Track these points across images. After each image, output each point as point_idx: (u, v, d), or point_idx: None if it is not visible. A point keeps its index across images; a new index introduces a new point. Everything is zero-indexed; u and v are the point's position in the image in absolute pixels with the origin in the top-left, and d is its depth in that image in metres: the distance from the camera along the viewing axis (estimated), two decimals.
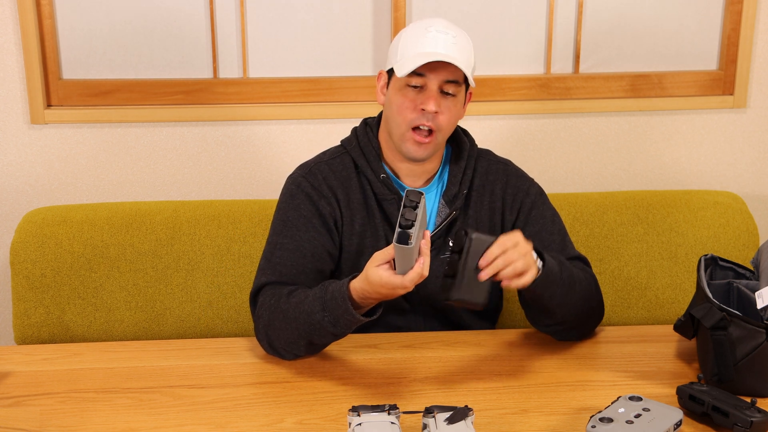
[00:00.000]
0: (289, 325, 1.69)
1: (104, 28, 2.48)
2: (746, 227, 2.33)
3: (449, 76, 1.76)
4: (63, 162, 2.52)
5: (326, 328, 1.65)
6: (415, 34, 1.80)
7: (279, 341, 1.73)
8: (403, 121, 1.78)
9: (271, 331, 1.73)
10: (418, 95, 1.77)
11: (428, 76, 1.76)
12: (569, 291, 1.75)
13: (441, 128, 1.79)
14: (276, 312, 1.72)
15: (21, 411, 1.58)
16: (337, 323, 1.64)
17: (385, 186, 1.85)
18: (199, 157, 2.56)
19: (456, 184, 1.87)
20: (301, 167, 1.92)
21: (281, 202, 1.89)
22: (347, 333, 1.69)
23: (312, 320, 1.66)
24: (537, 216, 1.91)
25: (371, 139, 1.89)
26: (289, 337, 1.71)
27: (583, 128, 2.64)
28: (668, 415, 1.47)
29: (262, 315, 1.75)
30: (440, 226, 1.86)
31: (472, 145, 1.93)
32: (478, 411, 1.56)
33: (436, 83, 1.76)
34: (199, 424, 1.54)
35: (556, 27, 2.59)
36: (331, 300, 1.63)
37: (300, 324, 1.68)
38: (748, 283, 1.76)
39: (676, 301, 2.30)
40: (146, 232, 2.20)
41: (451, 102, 1.79)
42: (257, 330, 1.77)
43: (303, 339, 1.70)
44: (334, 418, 1.55)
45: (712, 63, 2.67)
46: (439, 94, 1.77)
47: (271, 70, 2.56)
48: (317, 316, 1.64)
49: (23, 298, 2.17)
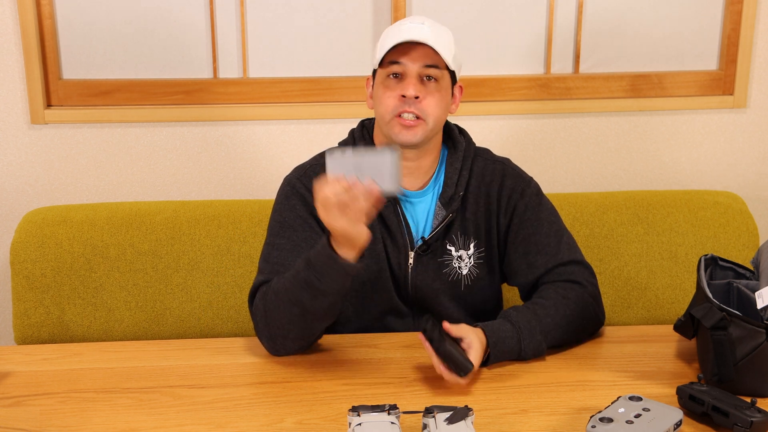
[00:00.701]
0: (280, 299, 1.68)
1: (104, 28, 2.48)
2: (746, 227, 2.33)
3: (427, 61, 1.76)
4: (63, 162, 2.53)
5: (314, 284, 1.63)
6: (392, 29, 1.82)
7: (276, 326, 1.71)
8: (386, 111, 1.79)
9: (268, 317, 1.72)
10: (398, 84, 1.78)
11: (404, 62, 1.76)
12: (550, 335, 1.76)
13: (427, 114, 1.78)
14: (268, 296, 1.72)
15: (21, 411, 1.58)
16: (323, 276, 1.62)
17: None
18: (199, 157, 2.56)
19: (452, 186, 1.87)
20: (296, 169, 1.92)
21: (277, 203, 1.89)
22: (336, 289, 1.64)
23: (299, 279, 1.64)
24: (531, 218, 1.89)
25: (367, 141, 1.89)
26: (283, 316, 1.69)
27: (583, 128, 2.64)
28: (668, 415, 1.47)
29: (258, 306, 1.75)
30: (437, 228, 1.86)
31: (468, 144, 1.92)
32: (478, 411, 1.56)
33: (414, 69, 1.76)
34: (199, 424, 1.54)
35: (556, 27, 2.59)
36: (314, 255, 1.62)
37: (290, 292, 1.66)
38: (748, 283, 1.76)
39: (676, 301, 2.30)
40: (146, 232, 2.20)
41: (434, 87, 1.78)
42: (256, 325, 1.76)
43: (295, 306, 1.66)
44: (334, 418, 1.55)
45: (712, 63, 2.67)
46: (420, 80, 1.77)
47: (271, 70, 2.56)
48: (302, 275, 1.63)
49: (23, 298, 2.17)
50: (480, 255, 1.89)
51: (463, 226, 1.88)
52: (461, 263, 1.88)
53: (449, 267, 1.88)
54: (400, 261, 1.86)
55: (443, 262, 1.87)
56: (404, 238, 1.86)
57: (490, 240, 1.90)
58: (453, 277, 1.88)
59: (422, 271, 1.87)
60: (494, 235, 1.90)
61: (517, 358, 1.74)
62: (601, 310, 1.88)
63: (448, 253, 1.88)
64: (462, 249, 1.88)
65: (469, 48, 2.58)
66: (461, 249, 1.88)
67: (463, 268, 1.88)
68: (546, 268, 1.87)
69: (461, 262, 1.88)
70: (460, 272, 1.88)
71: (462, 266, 1.88)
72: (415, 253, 1.86)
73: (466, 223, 1.88)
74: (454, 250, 1.88)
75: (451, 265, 1.88)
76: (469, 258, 1.89)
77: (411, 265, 1.86)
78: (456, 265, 1.88)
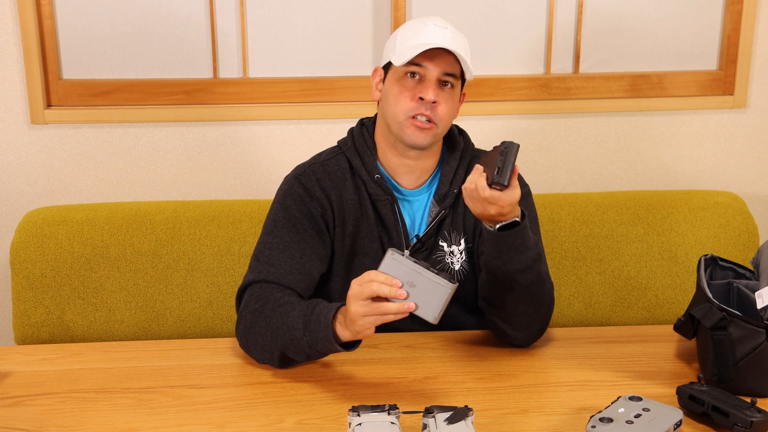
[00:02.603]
0: (270, 333, 1.69)
1: (104, 28, 2.48)
2: (746, 227, 2.33)
3: (448, 68, 1.78)
4: (63, 162, 2.52)
5: (303, 348, 1.64)
6: (413, 27, 1.82)
7: (255, 345, 1.73)
8: (401, 111, 1.79)
9: (250, 335, 1.73)
10: (416, 85, 1.78)
11: (427, 66, 1.77)
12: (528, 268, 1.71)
13: (440, 119, 1.79)
14: (259, 318, 1.72)
15: (21, 411, 1.58)
16: (315, 346, 1.63)
17: (379, 187, 1.85)
18: (199, 157, 2.56)
19: (447, 183, 1.88)
20: (296, 168, 1.92)
21: (274, 202, 1.89)
22: (322, 357, 1.70)
23: (291, 336, 1.65)
24: None
25: (366, 139, 1.89)
26: (265, 345, 1.71)
27: (583, 128, 2.64)
28: (668, 415, 1.47)
29: (245, 316, 1.75)
30: (430, 225, 1.87)
31: (466, 144, 1.93)
32: (478, 411, 1.56)
33: (435, 73, 1.77)
34: (199, 424, 1.54)
35: (556, 27, 2.59)
36: (315, 322, 1.62)
37: (279, 336, 1.67)
38: (748, 283, 1.76)
39: (676, 301, 2.30)
40: (146, 232, 2.20)
41: (449, 94, 1.80)
42: (237, 329, 1.77)
43: (278, 350, 1.69)
44: (334, 418, 1.55)
45: (712, 63, 2.67)
46: (438, 84, 1.78)
47: (271, 70, 2.56)
48: (297, 333, 1.64)
49: (23, 298, 2.17)
50: (469, 250, 1.91)
51: (454, 222, 1.89)
52: (453, 258, 1.89)
53: (442, 263, 1.88)
54: None
55: (437, 259, 1.88)
56: (400, 236, 1.86)
57: (475, 236, 1.91)
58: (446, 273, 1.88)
59: None
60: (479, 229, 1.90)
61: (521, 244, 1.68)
62: (550, 311, 1.82)
63: (440, 249, 1.88)
64: (454, 245, 1.89)
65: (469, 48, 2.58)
66: (453, 245, 1.89)
67: (455, 264, 1.89)
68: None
69: (453, 258, 1.89)
70: (453, 268, 1.89)
71: (454, 261, 1.89)
72: (410, 250, 1.86)
73: (457, 218, 1.89)
74: (446, 246, 1.89)
75: (444, 261, 1.89)
76: (460, 253, 1.89)
77: None
78: (449, 261, 1.89)
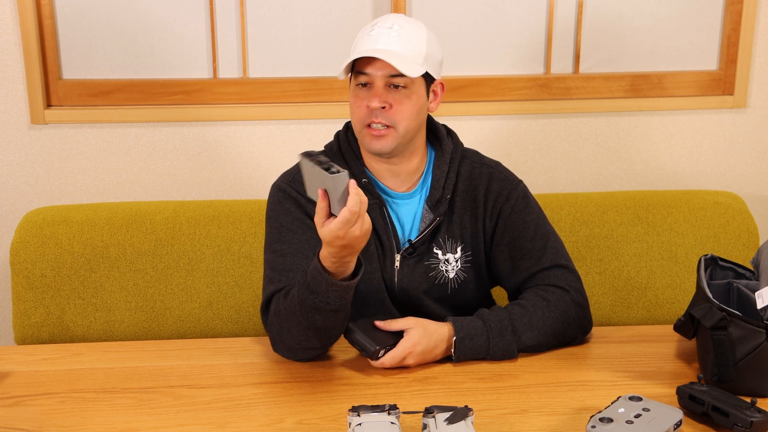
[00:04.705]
0: (295, 319, 1.68)
1: (104, 28, 2.48)
2: (746, 227, 2.33)
3: (393, 71, 1.74)
4: (63, 162, 2.53)
5: (322, 308, 1.64)
6: (362, 33, 1.80)
7: (293, 341, 1.72)
8: (357, 120, 1.79)
9: (284, 335, 1.73)
10: (367, 93, 1.77)
11: (369, 72, 1.75)
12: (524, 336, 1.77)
13: (397, 121, 1.76)
14: (280, 316, 1.72)
15: (21, 411, 1.58)
16: (329, 299, 1.62)
17: (366, 190, 1.83)
18: (199, 157, 2.56)
19: (439, 188, 1.85)
20: (283, 175, 1.91)
21: (271, 210, 1.87)
22: (345, 303, 1.66)
23: (307, 306, 1.64)
24: (516, 222, 1.88)
25: (351, 143, 1.88)
26: (299, 334, 1.70)
27: (583, 128, 2.64)
28: (668, 415, 1.47)
29: (273, 323, 1.75)
30: (424, 232, 1.85)
31: (456, 146, 1.90)
32: (478, 411, 1.56)
33: (380, 80, 1.75)
34: (199, 424, 1.54)
35: (556, 27, 2.59)
36: (312, 281, 1.62)
37: (302, 314, 1.66)
38: (748, 283, 1.76)
39: (676, 301, 2.30)
40: (146, 232, 2.20)
41: (403, 94, 1.76)
42: (272, 340, 1.77)
43: (310, 329, 1.68)
44: (334, 418, 1.55)
45: (712, 63, 2.67)
46: (387, 88, 1.76)
47: (270, 70, 2.56)
48: (309, 301, 1.64)
49: (23, 298, 2.17)
50: (467, 259, 1.88)
51: (450, 229, 1.87)
52: (448, 267, 1.88)
53: (436, 270, 1.87)
54: (386, 263, 1.86)
55: (430, 266, 1.87)
56: (390, 240, 1.85)
57: (476, 244, 1.89)
58: (440, 280, 1.87)
59: (408, 273, 1.86)
60: (480, 239, 1.89)
61: (485, 357, 1.75)
62: (586, 315, 1.86)
63: (434, 257, 1.86)
64: (449, 253, 1.87)
65: (469, 48, 2.58)
66: (448, 252, 1.87)
67: (450, 272, 1.88)
68: (530, 272, 1.86)
69: (448, 266, 1.87)
70: (447, 276, 1.87)
71: (449, 269, 1.88)
72: (401, 255, 1.86)
73: (453, 227, 1.87)
74: (441, 254, 1.87)
75: (438, 269, 1.87)
76: (456, 262, 1.88)
77: (397, 267, 1.86)
78: (443, 269, 1.87)
